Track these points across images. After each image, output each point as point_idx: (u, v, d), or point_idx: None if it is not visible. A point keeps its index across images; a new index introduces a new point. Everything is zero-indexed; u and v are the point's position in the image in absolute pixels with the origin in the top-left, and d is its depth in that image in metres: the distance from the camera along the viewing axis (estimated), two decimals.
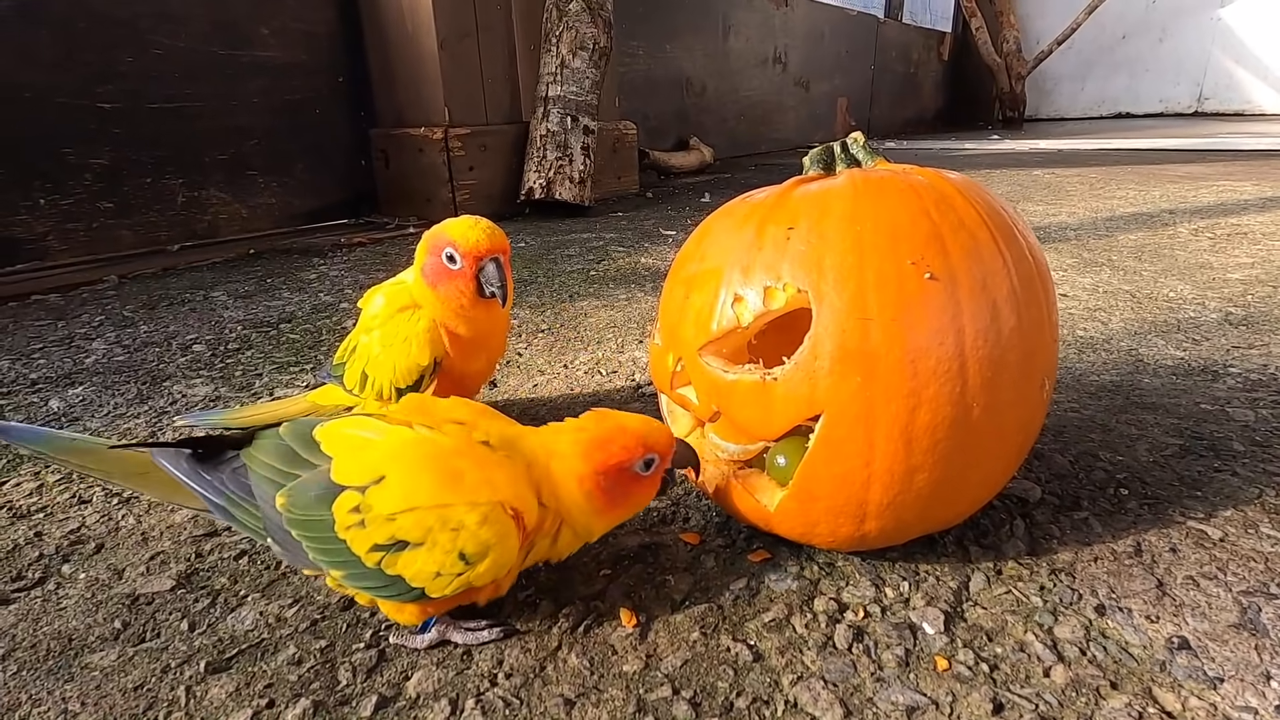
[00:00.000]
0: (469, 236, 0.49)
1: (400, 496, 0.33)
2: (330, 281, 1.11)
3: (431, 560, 0.32)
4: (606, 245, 1.32)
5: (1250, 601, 0.36)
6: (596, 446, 0.36)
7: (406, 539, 0.32)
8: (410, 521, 0.32)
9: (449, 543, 0.32)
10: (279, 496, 0.34)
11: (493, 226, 0.50)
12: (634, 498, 0.37)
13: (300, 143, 1.53)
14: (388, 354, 0.50)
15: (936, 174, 0.40)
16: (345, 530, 0.33)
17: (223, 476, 0.36)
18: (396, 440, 0.34)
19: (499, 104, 1.65)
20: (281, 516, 0.34)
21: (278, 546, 0.35)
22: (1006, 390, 0.35)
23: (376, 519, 0.32)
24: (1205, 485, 0.47)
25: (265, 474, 0.35)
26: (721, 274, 0.39)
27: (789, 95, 3.24)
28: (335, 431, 0.35)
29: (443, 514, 0.32)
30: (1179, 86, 4.36)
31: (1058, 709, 0.31)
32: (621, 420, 0.37)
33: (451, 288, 0.49)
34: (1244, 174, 1.85)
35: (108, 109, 1.25)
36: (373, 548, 0.33)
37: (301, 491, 0.34)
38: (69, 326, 0.92)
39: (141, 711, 0.32)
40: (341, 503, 0.33)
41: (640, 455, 0.36)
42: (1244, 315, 0.80)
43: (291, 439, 0.36)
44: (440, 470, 0.33)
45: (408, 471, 0.33)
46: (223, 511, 0.36)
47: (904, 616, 0.37)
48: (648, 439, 0.36)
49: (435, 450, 0.34)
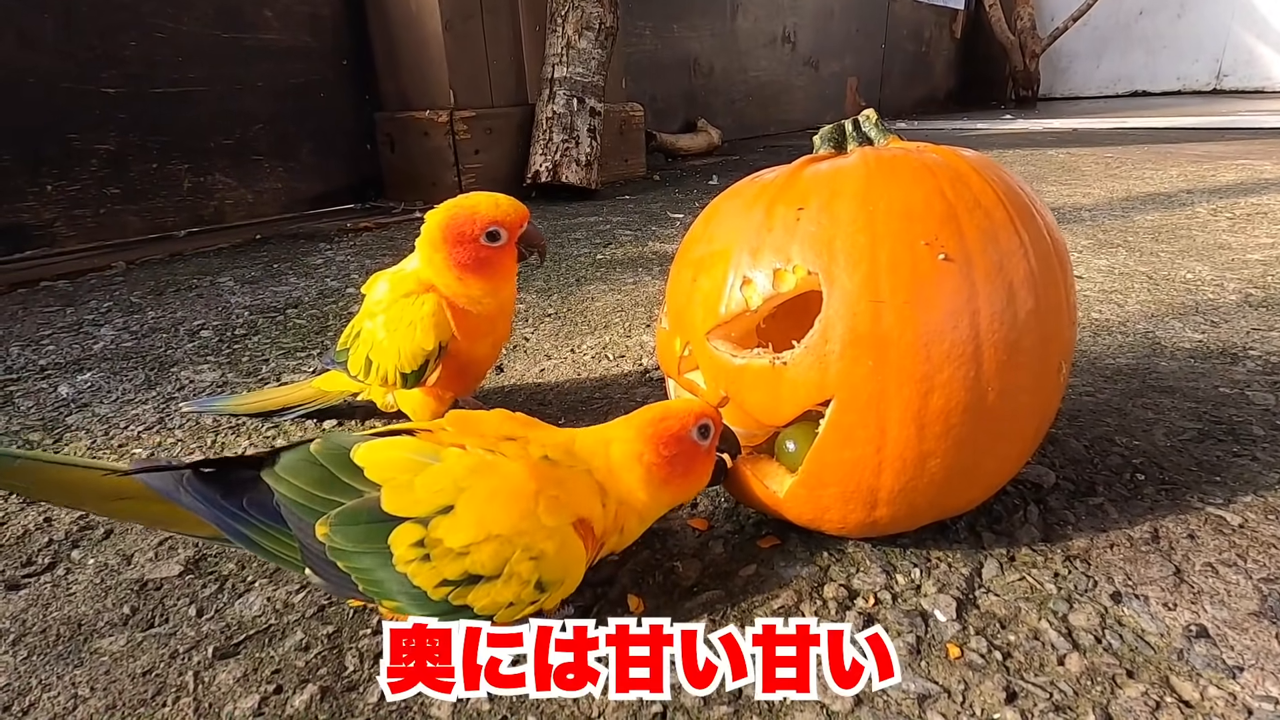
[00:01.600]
0: (504, 209, 0.48)
1: (474, 528, 0.31)
2: (336, 267, 1.11)
3: (507, 591, 0.31)
4: (613, 229, 1.31)
5: (1270, 589, 0.36)
6: (651, 423, 0.36)
7: (481, 572, 0.31)
8: (487, 554, 0.31)
9: (528, 573, 0.31)
10: (319, 526, 0.32)
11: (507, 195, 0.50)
12: (694, 470, 0.37)
13: (305, 127, 1.52)
14: (392, 339, 0.49)
15: (952, 152, 0.38)
16: (406, 564, 0.31)
17: (240, 501, 0.33)
18: (460, 466, 0.32)
19: (504, 86, 1.63)
20: (324, 547, 0.31)
21: (319, 578, 0.33)
22: (1022, 374, 0.35)
23: (445, 553, 0.30)
24: (1224, 470, 0.46)
25: (298, 499, 0.32)
26: (730, 256, 0.38)
27: (798, 75, 3.20)
28: (380, 455, 0.33)
29: (522, 543, 0.31)
30: (1198, 63, 4.27)
31: (1072, 698, 0.30)
32: (669, 403, 0.38)
33: (500, 264, 0.49)
34: (1264, 153, 1.81)
35: (112, 94, 1.25)
36: (441, 583, 0.31)
37: (348, 521, 0.31)
38: (77, 313, 0.92)
39: (150, 696, 0.33)
40: (400, 536, 0.31)
41: (694, 422, 0.36)
42: (1264, 297, 0.78)
43: (326, 459, 0.33)
44: (513, 497, 0.32)
45: (480, 500, 0.31)
46: (246, 541, 0.33)
47: (915, 604, 0.36)
48: (696, 408, 0.37)
49: (505, 475, 0.32)
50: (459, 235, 0.48)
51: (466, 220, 0.48)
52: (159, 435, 0.58)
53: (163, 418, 0.61)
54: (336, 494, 0.32)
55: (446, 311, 0.49)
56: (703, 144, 2.39)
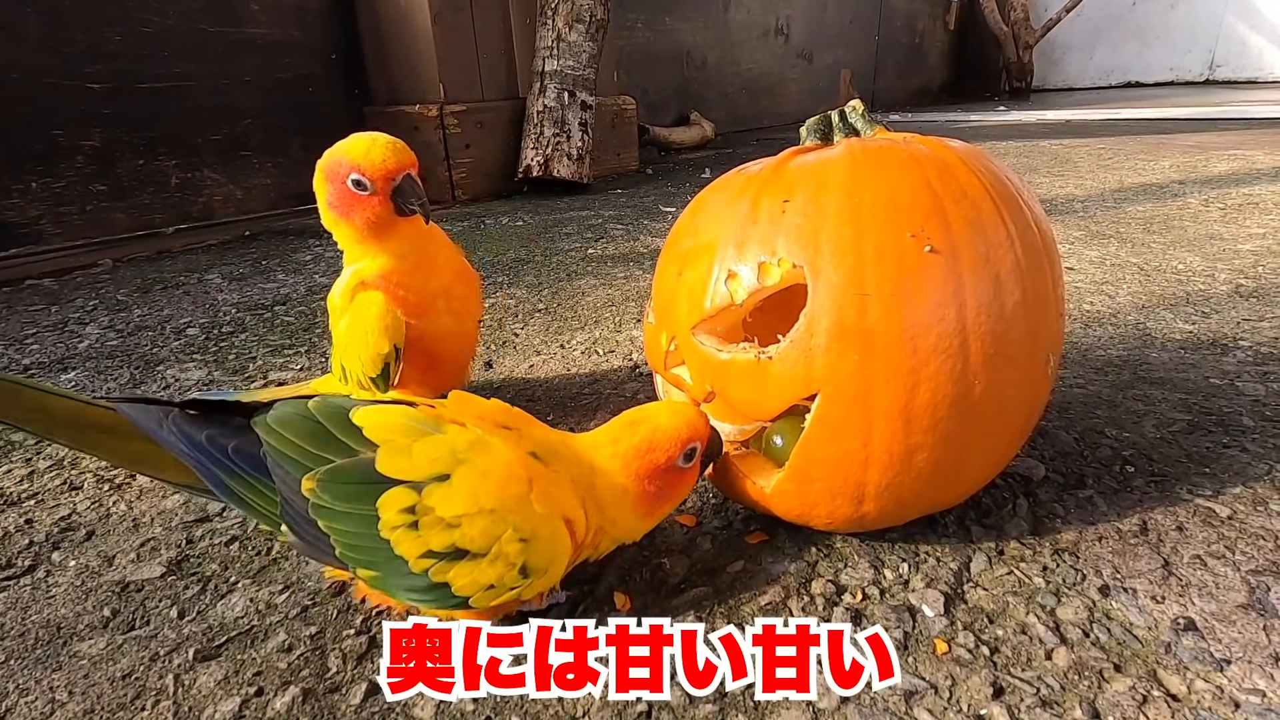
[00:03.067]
0: (373, 156, 0.43)
1: (469, 499, 0.30)
2: (326, 263, 1.10)
3: (491, 572, 0.30)
4: (605, 223, 1.30)
5: (1259, 581, 0.35)
6: (636, 455, 0.34)
7: (468, 548, 0.30)
8: (478, 528, 0.30)
9: (515, 554, 0.30)
10: (305, 480, 0.30)
11: (393, 140, 0.45)
12: (678, 490, 0.36)
13: (294, 122, 1.51)
14: (353, 345, 0.47)
15: (939, 142, 0.38)
16: (391, 530, 0.30)
17: (225, 447, 0.32)
18: (462, 439, 0.31)
19: (495, 80, 1.62)
20: (307, 503, 0.30)
21: (295, 537, 0.32)
22: (1010, 367, 0.34)
23: (435, 522, 0.30)
24: (1214, 462, 0.46)
25: (287, 451, 0.31)
26: (715, 250, 0.38)
27: (791, 68, 3.18)
28: (381, 417, 0.32)
29: (514, 521, 0.30)
30: (1190, 54, 4.27)
31: (1059, 693, 0.30)
32: (654, 419, 0.35)
33: (366, 213, 0.45)
34: (1256, 143, 1.81)
35: (97, 89, 1.23)
36: (425, 554, 0.30)
37: (337, 479, 0.30)
38: (62, 311, 0.91)
39: (129, 700, 0.32)
40: (390, 499, 0.30)
41: (681, 450, 0.35)
42: (1255, 287, 0.78)
43: (323, 415, 0.32)
44: (510, 477, 0.31)
45: (477, 474, 0.31)
46: (223, 488, 0.32)
47: (903, 599, 0.36)
48: (683, 433, 0.35)
49: (502, 456, 0.32)
50: (332, 176, 0.45)
51: (335, 162, 0.45)
52: None
53: None
54: (330, 451, 0.31)
55: (394, 310, 0.47)
56: (696, 137, 2.38)
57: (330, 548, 0.31)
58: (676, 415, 0.36)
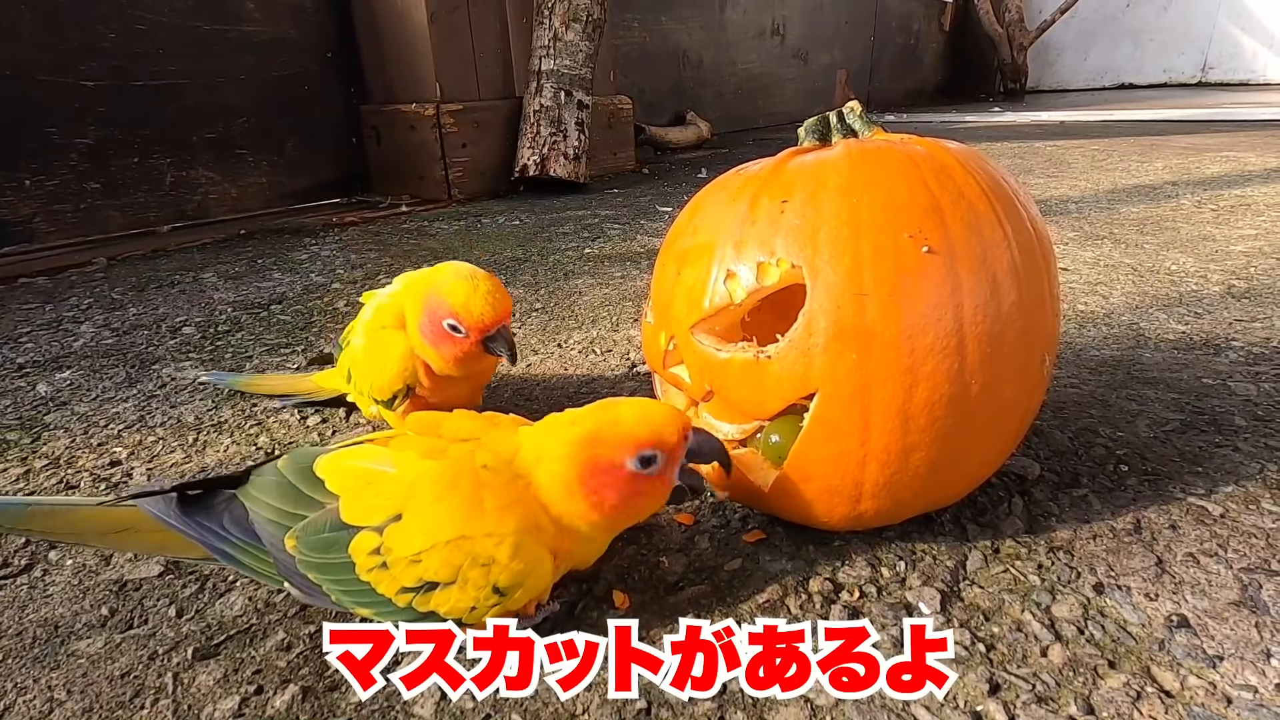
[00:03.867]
0: (472, 309, 0.45)
1: (421, 535, 0.31)
2: (322, 262, 1.09)
3: (465, 597, 0.31)
4: (602, 223, 1.30)
5: (1251, 579, 0.36)
6: (583, 445, 0.32)
7: (435, 579, 0.30)
8: (437, 561, 0.30)
9: (481, 579, 0.30)
10: (287, 539, 0.32)
11: (493, 287, 0.46)
12: (636, 502, 0.33)
13: (290, 120, 1.50)
14: (369, 367, 0.50)
15: (936, 144, 0.38)
16: (368, 573, 0.31)
17: (221, 521, 0.34)
18: (410, 473, 0.32)
19: (491, 79, 1.62)
20: (295, 560, 0.32)
21: (297, 591, 0.33)
22: (1006, 367, 0.35)
23: (399, 561, 0.30)
24: (1206, 461, 0.46)
25: (269, 515, 0.33)
26: (714, 249, 0.38)
27: (787, 68, 3.19)
28: (338, 465, 0.33)
29: (470, 549, 0.30)
30: (1183, 56, 4.29)
31: (1055, 689, 0.30)
32: (618, 411, 0.33)
33: (454, 350, 0.47)
34: (1248, 145, 1.82)
35: (91, 86, 1.23)
36: (401, 590, 0.31)
37: (312, 534, 0.32)
38: (57, 309, 0.91)
39: (128, 699, 0.32)
40: (359, 545, 0.31)
41: (631, 453, 0.31)
42: (1247, 288, 0.79)
43: (291, 474, 0.33)
44: (460, 502, 0.31)
45: (425, 507, 0.31)
46: (229, 559, 0.34)
47: (900, 596, 0.36)
48: (639, 434, 0.32)
49: (452, 481, 0.32)
50: (429, 310, 0.47)
51: (437, 302, 0.46)
52: (139, 434, 0.57)
53: (143, 416, 0.60)
54: (302, 508, 0.33)
55: (415, 359, 0.49)
56: (692, 137, 2.38)
57: (327, 596, 0.32)
58: (645, 415, 0.32)
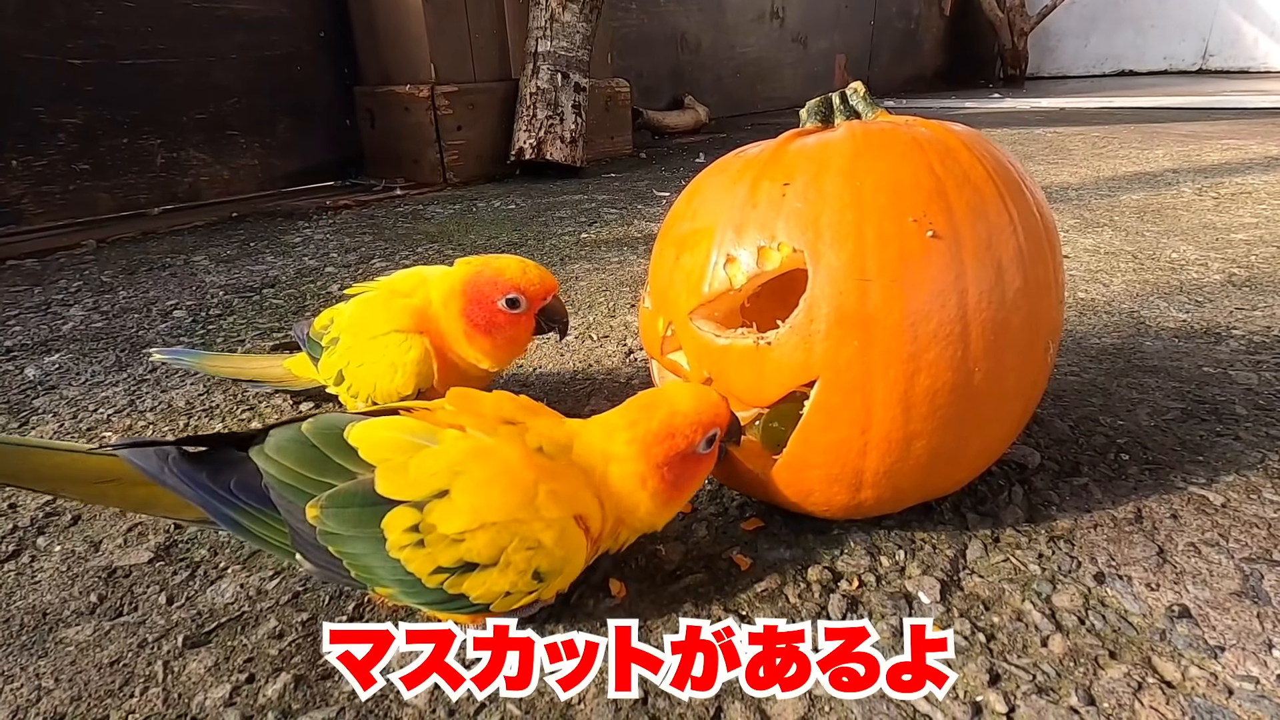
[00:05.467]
0: (530, 276, 0.46)
1: (469, 514, 0.30)
2: (315, 245, 1.08)
3: (503, 580, 0.30)
4: (599, 207, 1.29)
5: (1252, 569, 0.36)
6: (656, 441, 0.33)
7: (476, 560, 0.30)
8: (482, 542, 0.29)
9: (524, 562, 0.30)
10: (309, 509, 0.30)
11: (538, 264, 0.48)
12: (696, 477, 0.35)
13: (282, 101, 1.48)
14: (371, 370, 0.47)
15: (941, 126, 0.37)
16: (399, 550, 0.30)
17: (229, 483, 0.32)
18: (456, 449, 0.31)
19: (487, 60, 1.60)
20: (315, 531, 0.30)
21: (310, 564, 0.32)
22: (1010, 354, 0.34)
23: (440, 539, 0.29)
24: (1207, 450, 0.46)
25: (289, 481, 0.31)
26: (713, 234, 0.37)
27: (786, 52, 3.16)
28: (375, 434, 0.32)
29: (519, 531, 0.30)
30: (1184, 43, 4.26)
31: (1055, 679, 0.30)
32: (672, 402, 0.34)
33: (513, 333, 0.47)
34: (1249, 132, 1.81)
35: (79, 65, 1.21)
36: (436, 569, 0.30)
37: (340, 505, 0.30)
38: (45, 292, 0.89)
39: (117, 687, 0.32)
40: (394, 520, 0.30)
41: (702, 437, 0.33)
42: (1247, 276, 0.78)
43: (318, 439, 0.32)
44: (511, 484, 0.30)
45: (476, 486, 0.30)
46: (233, 525, 0.32)
47: (899, 586, 0.36)
48: (704, 417, 0.33)
49: (503, 461, 0.31)
50: (478, 294, 0.46)
51: (489, 281, 0.46)
52: (129, 418, 0.57)
53: (133, 400, 0.60)
54: (329, 475, 0.31)
55: (433, 361, 0.47)
56: (690, 121, 2.36)
57: (345, 571, 0.31)
58: (698, 399, 0.34)
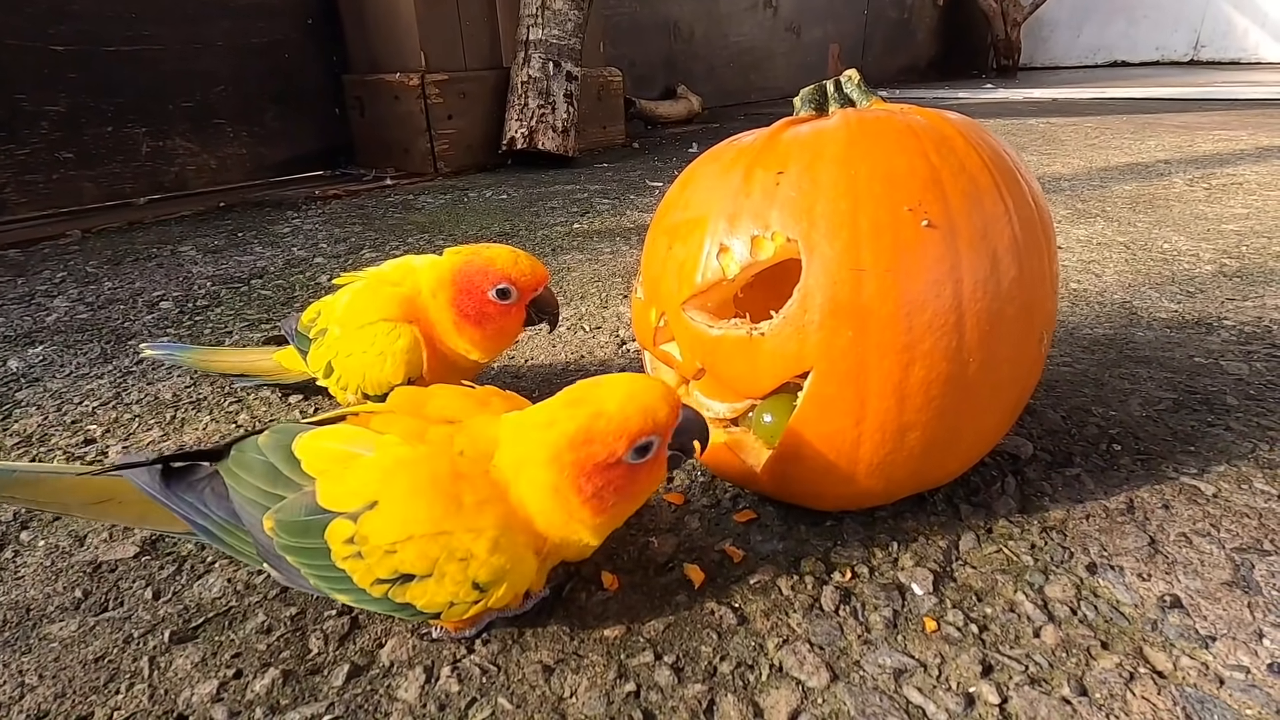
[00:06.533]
0: (522, 267, 0.46)
1: (396, 526, 0.29)
2: (304, 235, 1.07)
3: (442, 591, 0.29)
4: (591, 197, 1.28)
5: (1243, 559, 0.36)
6: (570, 447, 0.29)
7: (411, 572, 0.29)
8: (412, 554, 0.29)
9: (459, 573, 0.29)
10: (265, 520, 0.30)
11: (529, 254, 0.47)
12: (633, 490, 0.30)
13: (269, 89, 1.46)
14: (360, 360, 0.47)
15: (936, 114, 0.37)
16: (343, 560, 0.29)
17: (202, 497, 0.33)
18: (387, 459, 0.30)
19: (478, 48, 1.58)
20: (274, 542, 0.31)
21: (277, 573, 0.32)
22: (1004, 345, 0.34)
23: (374, 551, 0.29)
24: (1199, 440, 0.46)
25: (249, 494, 0.31)
26: (706, 223, 0.37)
27: (779, 41, 3.14)
28: (318, 446, 0.31)
29: (446, 543, 0.29)
30: (1176, 33, 4.27)
31: (1048, 670, 0.30)
32: (599, 401, 0.30)
33: (498, 322, 0.46)
34: (1240, 124, 1.81)
35: (61, 51, 1.18)
36: (376, 581, 0.29)
37: (288, 517, 0.30)
38: (29, 283, 0.88)
39: (102, 683, 0.31)
40: (334, 531, 0.29)
41: (626, 447, 0.29)
42: (1238, 267, 0.79)
43: (269, 452, 0.32)
44: (435, 494, 0.29)
45: (401, 496, 0.29)
46: (211, 537, 0.32)
47: (892, 577, 0.36)
48: (632, 424, 0.29)
49: (430, 470, 0.30)
50: (468, 284, 0.46)
51: (480, 271, 0.45)
52: (115, 411, 0.56)
53: (119, 393, 0.59)
54: (279, 488, 0.31)
55: (422, 350, 0.46)
56: (683, 111, 2.34)
57: (306, 580, 0.31)
58: (630, 400, 0.29)
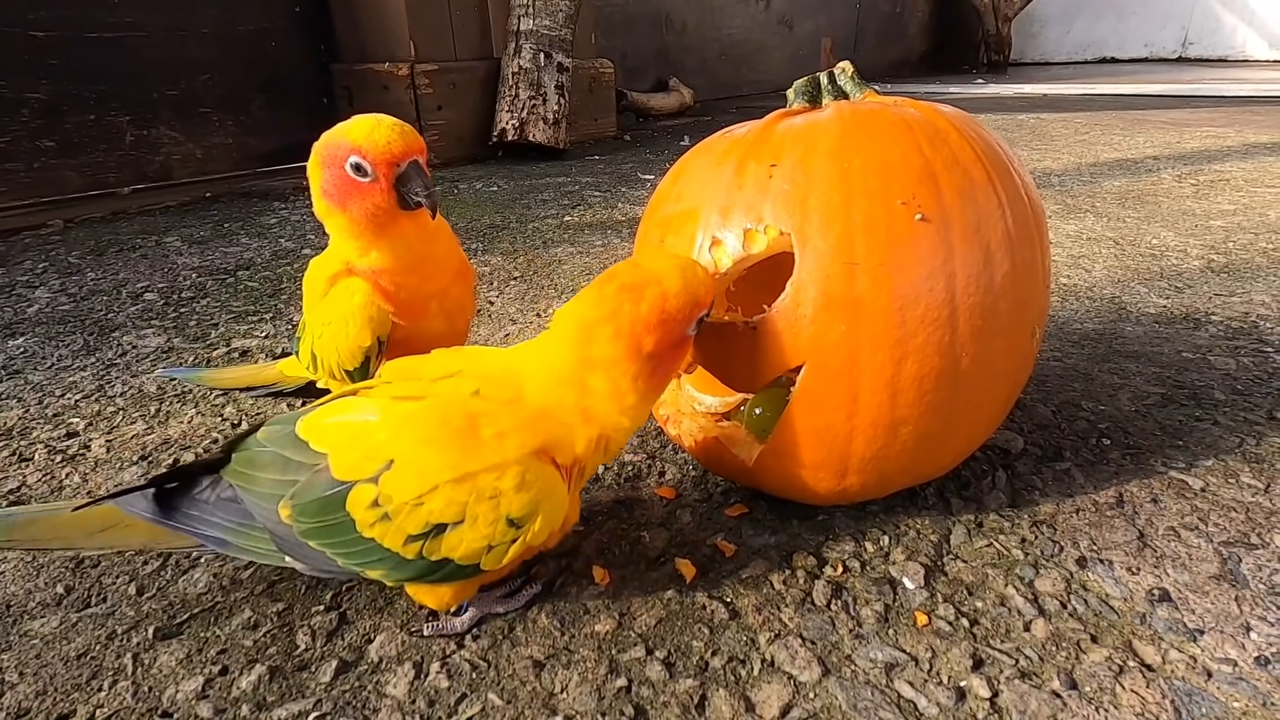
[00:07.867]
0: (376, 138, 0.38)
1: (419, 478, 0.29)
2: (292, 227, 1.06)
3: (478, 535, 0.29)
4: (582, 190, 1.28)
5: (1231, 552, 0.36)
6: (646, 329, 0.30)
7: (443, 520, 0.29)
8: (440, 502, 0.29)
9: (491, 512, 0.29)
10: (281, 510, 0.30)
11: (400, 123, 0.40)
12: (680, 363, 0.33)
13: (256, 78, 1.44)
14: (329, 333, 0.43)
15: (930, 107, 0.37)
16: (370, 528, 0.29)
17: (209, 507, 0.32)
18: (395, 416, 0.30)
19: (468, 38, 1.56)
20: (292, 529, 0.30)
21: (299, 563, 0.31)
22: (997, 339, 0.34)
23: (402, 508, 0.29)
24: (1187, 434, 0.47)
25: (264, 489, 0.31)
26: (699, 215, 0.36)
27: (772, 34, 3.13)
28: (321, 422, 0.31)
29: (473, 485, 0.29)
30: (1165, 30, 4.29)
31: (1038, 664, 0.30)
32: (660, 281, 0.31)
33: (365, 204, 0.39)
34: (1227, 120, 1.83)
35: (42, 37, 1.16)
36: (408, 539, 0.29)
37: (305, 498, 0.30)
38: (10, 274, 0.86)
39: (84, 681, 0.31)
40: (356, 499, 0.29)
41: (697, 317, 0.31)
42: (1226, 262, 0.79)
43: (274, 443, 0.32)
44: (449, 438, 0.29)
45: (416, 449, 0.29)
46: (222, 544, 0.32)
47: (884, 571, 0.36)
48: (699, 294, 0.31)
49: (440, 417, 0.30)
50: (329, 160, 0.40)
51: (335, 143, 0.39)
52: (98, 404, 0.55)
53: (102, 385, 0.58)
54: (290, 473, 0.31)
55: (379, 300, 0.42)
56: (675, 104, 2.33)
57: (332, 561, 0.31)
58: (687, 274, 0.31)
